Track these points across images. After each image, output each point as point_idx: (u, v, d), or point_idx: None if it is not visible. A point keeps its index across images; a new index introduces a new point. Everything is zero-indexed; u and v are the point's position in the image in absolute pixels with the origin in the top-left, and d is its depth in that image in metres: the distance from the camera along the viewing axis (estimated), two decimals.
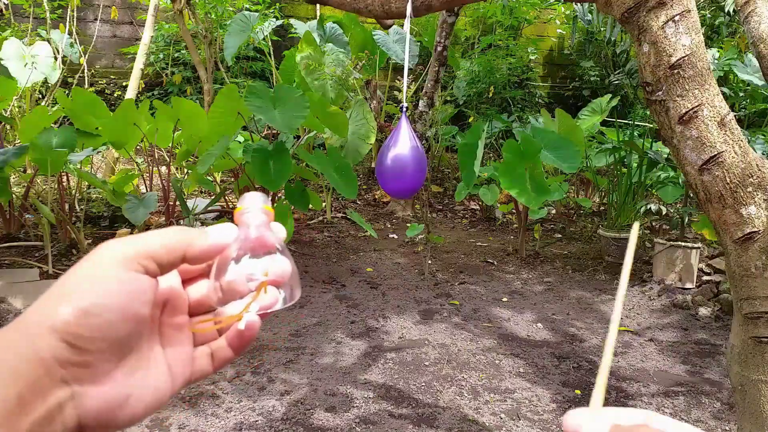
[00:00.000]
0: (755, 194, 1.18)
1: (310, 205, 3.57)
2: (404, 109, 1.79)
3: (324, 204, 4.51)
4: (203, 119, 3.41)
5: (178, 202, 3.45)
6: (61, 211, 3.36)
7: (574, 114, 5.05)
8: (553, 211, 5.09)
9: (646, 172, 3.93)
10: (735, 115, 1.39)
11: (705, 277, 3.40)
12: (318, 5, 4.34)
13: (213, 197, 3.80)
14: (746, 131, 4.10)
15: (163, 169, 4.60)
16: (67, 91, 3.95)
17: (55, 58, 5.02)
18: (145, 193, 3.60)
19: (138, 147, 4.84)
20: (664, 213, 3.57)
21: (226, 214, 4.12)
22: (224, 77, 5.46)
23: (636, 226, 0.34)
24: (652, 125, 4.47)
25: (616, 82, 5.64)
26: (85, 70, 5.75)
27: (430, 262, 3.68)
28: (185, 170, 4.85)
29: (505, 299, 3.18)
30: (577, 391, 2.20)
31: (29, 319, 0.31)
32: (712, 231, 1.66)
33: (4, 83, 3.66)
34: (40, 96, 5.57)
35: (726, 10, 5.08)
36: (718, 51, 4.85)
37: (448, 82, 6.50)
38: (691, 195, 3.44)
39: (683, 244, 3.36)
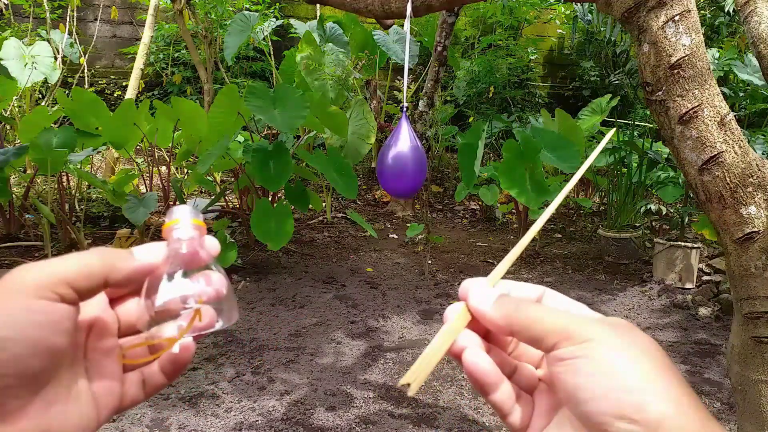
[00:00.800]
0: (755, 194, 1.18)
1: (310, 205, 3.57)
2: (404, 109, 1.79)
3: (324, 204, 4.51)
4: (203, 119, 3.41)
5: (177, 202, 3.45)
6: (61, 211, 3.36)
7: (574, 114, 5.05)
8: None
9: (646, 172, 3.92)
10: (735, 115, 1.39)
11: (705, 277, 3.40)
12: (318, 5, 4.34)
13: (213, 197, 3.80)
14: (746, 131, 4.10)
15: (163, 169, 4.60)
16: (67, 91, 3.95)
17: (55, 58, 5.02)
18: (145, 193, 3.60)
19: (138, 147, 4.84)
20: (664, 213, 3.57)
21: (226, 214, 4.12)
22: (224, 77, 5.46)
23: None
24: (652, 125, 4.47)
25: (616, 82, 5.64)
26: (85, 70, 5.75)
27: (430, 262, 3.68)
28: (185, 170, 4.85)
29: None
30: None
31: None
32: (712, 231, 1.66)
33: (4, 83, 3.66)
34: (40, 96, 5.57)
35: (726, 10, 5.08)
36: (718, 51, 4.85)
37: (448, 82, 6.50)
38: (691, 195, 3.45)
39: (683, 244, 3.36)
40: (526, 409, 0.36)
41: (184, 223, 0.36)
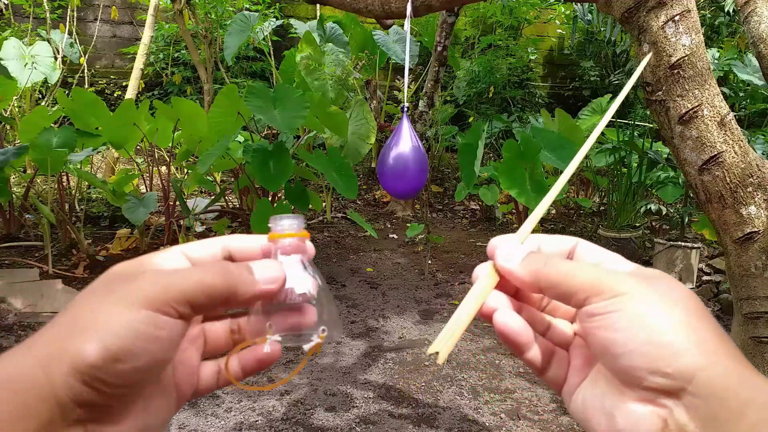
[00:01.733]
0: (755, 194, 1.18)
1: (310, 205, 3.57)
2: (405, 109, 1.79)
3: (324, 204, 4.51)
4: (203, 119, 3.41)
5: (178, 202, 3.45)
6: (61, 211, 3.36)
7: (574, 114, 5.05)
8: (553, 211, 5.09)
9: (646, 172, 3.92)
10: (735, 115, 1.38)
11: (705, 277, 3.40)
12: (318, 5, 4.34)
13: (213, 197, 3.80)
14: (746, 131, 4.10)
15: (163, 169, 4.60)
16: (67, 91, 3.95)
17: (55, 58, 5.02)
18: (145, 193, 3.60)
19: (138, 147, 4.84)
20: (664, 213, 3.57)
21: (226, 214, 4.12)
22: (224, 77, 5.46)
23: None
24: (652, 125, 4.47)
25: (616, 82, 5.64)
26: (85, 70, 5.75)
27: (430, 262, 3.68)
28: (185, 170, 4.85)
29: None
30: None
31: (46, 351, 0.28)
32: (712, 231, 1.66)
33: (4, 83, 3.66)
34: (40, 96, 5.57)
35: (726, 10, 5.08)
36: (718, 51, 4.85)
37: (448, 82, 6.50)
38: (691, 195, 3.44)
39: (683, 244, 3.36)
40: (562, 365, 0.36)
41: (295, 239, 0.36)
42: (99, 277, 0.32)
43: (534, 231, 0.38)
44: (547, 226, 4.75)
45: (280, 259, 0.35)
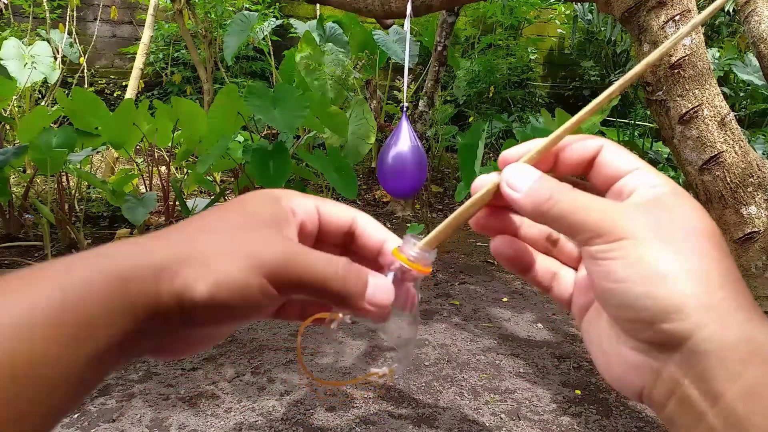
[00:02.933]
0: (756, 194, 1.17)
1: None
2: (405, 109, 1.79)
3: None
4: (203, 119, 3.40)
5: (177, 202, 3.45)
6: (61, 211, 3.36)
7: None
8: None
9: None
10: (735, 115, 1.38)
11: None
12: (318, 5, 4.34)
13: (213, 197, 3.80)
14: (746, 131, 4.10)
15: (163, 169, 4.60)
16: (66, 91, 3.94)
17: (55, 58, 5.01)
18: (144, 193, 3.60)
19: (138, 147, 4.84)
20: None
21: None
22: (224, 77, 5.46)
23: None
24: (652, 125, 4.47)
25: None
26: (85, 70, 5.74)
27: None
28: (185, 170, 4.84)
29: (505, 299, 3.18)
30: (578, 391, 2.20)
31: (148, 263, 0.27)
32: None
33: (4, 83, 3.66)
34: (40, 96, 5.57)
35: (726, 10, 5.08)
36: (719, 51, 4.85)
37: (448, 82, 6.49)
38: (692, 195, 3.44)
39: None
40: (568, 282, 0.36)
41: (420, 260, 0.34)
42: (244, 195, 0.33)
43: None
44: None
45: (392, 281, 0.34)
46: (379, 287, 0.33)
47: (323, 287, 0.31)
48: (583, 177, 0.36)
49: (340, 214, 0.36)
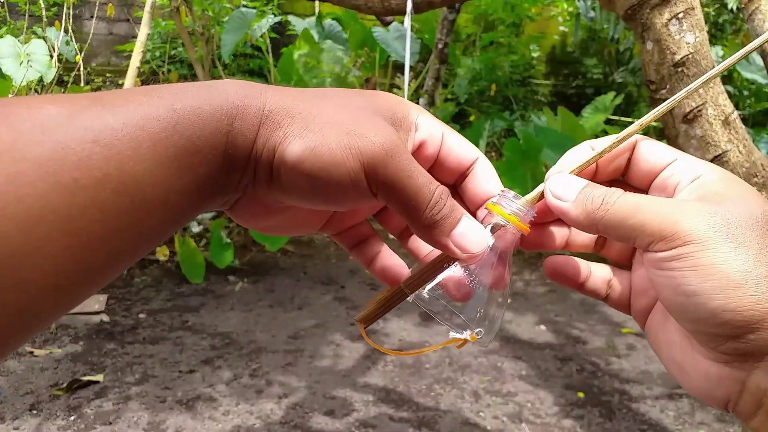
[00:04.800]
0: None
1: None
2: None
3: None
4: None
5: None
6: None
7: (577, 112, 5.02)
8: None
9: None
10: (739, 114, 1.36)
11: None
12: (317, 2, 4.31)
13: None
14: (751, 130, 4.07)
15: None
16: (63, 90, 3.92)
17: (51, 56, 4.99)
18: None
19: None
20: None
21: (223, 214, 4.09)
22: (221, 75, 5.44)
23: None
24: (656, 124, 4.44)
25: (620, 80, 5.61)
26: (81, 68, 5.71)
27: None
28: None
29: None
30: (580, 394, 2.17)
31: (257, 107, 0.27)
32: None
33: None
34: (36, 94, 5.55)
35: (730, 8, 5.04)
36: (722, 49, 4.81)
37: (449, 80, 6.46)
38: None
39: None
40: (624, 287, 0.34)
41: (519, 225, 0.31)
42: (377, 91, 0.32)
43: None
44: None
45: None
46: (472, 230, 0.30)
47: (413, 203, 0.28)
48: (621, 180, 0.34)
49: (464, 150, 0.33)
